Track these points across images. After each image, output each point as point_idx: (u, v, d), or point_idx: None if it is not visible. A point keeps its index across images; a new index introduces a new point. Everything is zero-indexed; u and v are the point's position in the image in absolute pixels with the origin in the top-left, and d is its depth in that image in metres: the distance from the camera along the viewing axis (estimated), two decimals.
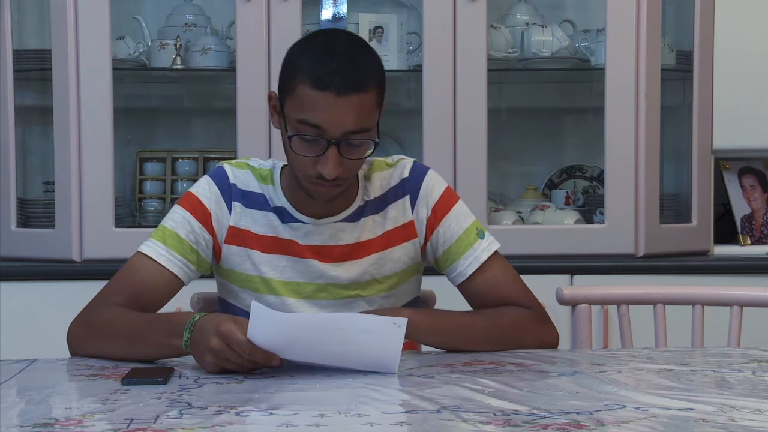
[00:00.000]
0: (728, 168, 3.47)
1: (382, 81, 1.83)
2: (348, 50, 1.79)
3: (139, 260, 1.88)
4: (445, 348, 1.86)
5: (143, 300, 1.85)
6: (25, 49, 3.17)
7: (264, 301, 1.90)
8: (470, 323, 1.88)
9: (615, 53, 3.08)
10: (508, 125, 3.43)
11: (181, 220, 1.90)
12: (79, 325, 1.84)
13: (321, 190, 1.82)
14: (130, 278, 1.87)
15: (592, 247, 3.08)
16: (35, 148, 3.28)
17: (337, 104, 1.74)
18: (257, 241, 1.91)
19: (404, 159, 2.00)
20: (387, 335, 1.61)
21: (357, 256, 1.92)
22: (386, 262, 1.94)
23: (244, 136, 3.01)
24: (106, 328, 1.79)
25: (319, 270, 1.91)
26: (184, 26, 3.22)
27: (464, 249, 1.95)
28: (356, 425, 1.25)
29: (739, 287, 2.19)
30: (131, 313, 1.80)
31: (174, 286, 1.88)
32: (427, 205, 1.96)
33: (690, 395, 1.44)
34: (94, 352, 1.79)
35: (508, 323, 1.90)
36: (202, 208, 1.91)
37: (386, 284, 1.94)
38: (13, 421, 1.29)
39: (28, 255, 3.06)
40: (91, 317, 1.84)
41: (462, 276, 1.95)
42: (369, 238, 1.93)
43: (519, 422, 1.26)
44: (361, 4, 3.27)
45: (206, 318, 1.64)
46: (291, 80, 1.78)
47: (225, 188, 1.92)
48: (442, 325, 1.84)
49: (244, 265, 1.91)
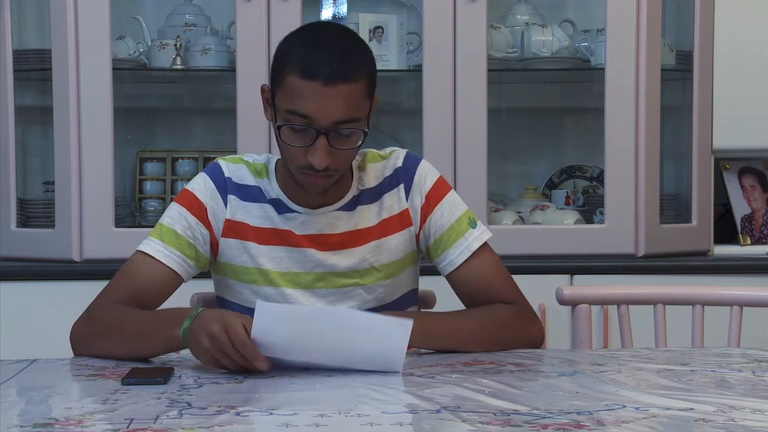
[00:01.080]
0: (728, 168, 3.47)
1: (373, 72, 1.84)
2: (337, 40, 1.80)
3: (138, 258, 1.90)
4: (437, 350, 1.87)
5: (143, 297, 1.86)
6: (25, 49, 3.17)
7: (262, 293, 1.91)
8: (460, 326, 1.89)
9: (615, 53, 3.08)
10: (508, 125, 3.43)
11: (178, 216, 1.91)
12: (81, 326, 1.85)
13: (312, 181, 1.83)
14: (130, 276, 1.89)
15: (592, 247, 3.08)
16: (35, 148, 3.28)
17: (325, 94, 1.76)
18: (254, 232, 1.91)
19: (398, 150, 2.01)
20: (392, 336, 1.62)
21: (354, 244, 1.92)
22: (383, 250, 1.94)
23: (244, 136, 3.01)
24: (108, 326, 1.80)
25: (317, 258, 1.91)
26: (184, 26, 3.22)
27: (456, 238, 1.95)
28: (356, 425, 1.25)
29: (739, 287, 2.19)
30: (132, 310, 1.81)
31: (173, 282, 1.89)
32: (421, 193, 1.96)
33: (690, 395, 1.44)
34: (97, 351, 1.80)
35: (497, 321, 1.90)
36: (198, 203, 1.92)
37: (384, 272, 1.95)
38: (13, 421, 1.29)
39: (28, 255, 3.06)
40: (93, 317, 1.85)
41: (452, 265, 1.96)
42: (365, 227, 1.94)
43: (519, 422, 1.26)
44: (361, 4, 3.27)
45: (211, 310, 1.66)
46: (281, 71, 1.80)
47: (220, 182, 1.93)
48: (434, 332, 1.85)
49: (241, 258, 1.92)
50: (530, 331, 1.94)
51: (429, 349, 1.86)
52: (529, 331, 1.94)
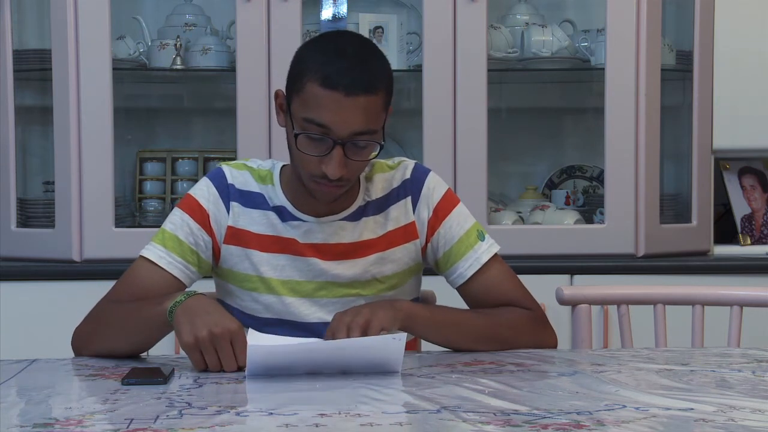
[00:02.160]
0: (728, 168, 3.47)
1: (390, 84, 1.83)
2: (358, 51, 1.80)
3: (140, 264, 1.90)
4: (441, 343, 1.87)
5: None
6: (25, 49, 3.17)
7: (263, 301, 1.91)
8: (468, 320, 1.88)
9: (615, 53, 3.08)
10: (508, 125, 3.43)
11: (180, 222, 1.91)
12: (81, 329, 1.86)
13: (323, 190, 1.83)
14: (132, 281, 1.89)
15: (592, 247, 3.08)
16: (35, 148, 3.28)
17: (344, 104, 1.75)
18: (256, 240, 1.91)
19: (406, 161, 2.00)
20: (387, 351, 1.61)
21: (358, 255, 1.92)
22: (387, 262, 1.94)
23: (244, 136, 3.01)
24: (103, 322, 1.82)
25: (320, 268, 1.91)
26: (184, 26, 3.22)
27: (465, 250, 1.95)
28: (356, 425, 1.25)
29: (739, 287, 2.19)
30: (125, 303, 1.84)
31: (175, 288, 1.88)
32: (429, 206, 1.96)
33: (690, 395, 1.44)
34: (97, 349, 1.81)
35: (506, 322, 1.90)
36: (200, 210, 1.91)
37: (387, 284, 1.94)
38: (13, 421, 1.29)
39: (28, 255, 3.06)
40: (91, 318, 1.86)
41: (462, 278, 1.95)
42: (370, 238, 1.93)
43: (519, 422, 1.26)
44: (361, 4, 3.27)
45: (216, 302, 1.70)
46: (300, 78, 1.79)
47: (223, 189, 1.92)
48: (440, 320, 1.85)
49: (243, 265, 1.92)
50: (542, 336, 1.94)
51: (436, 339, 1.86)
52: (541, 335, 1.93)
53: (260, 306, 1.91)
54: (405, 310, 1.82)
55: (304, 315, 1.91)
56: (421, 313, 1.84)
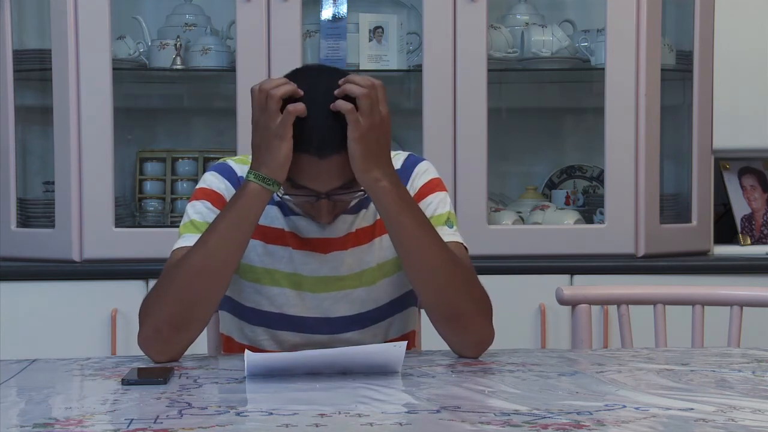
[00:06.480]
0: (728, 168, 3.48)
1: None
2: (325, 102, 1.73)
3: (180, 254, 1.83)
4: (396, 239, 1.79)
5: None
6: (25, 49, 3.17)
7: (265, 293, 1.91)
8: (434, 232, 1.80)
9: (615, 53, 3.08)
10: (508, 125, 3.44)
11: (206, 210, 1.88)
12: (146, 302, 1.80)
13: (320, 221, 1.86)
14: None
15: (592, 247, 3.08)
16: (35, 148, 3.29)
17: (320, 167, 1.74)
18: (261, 232, 1.91)
19: (399, 153, 2.00)
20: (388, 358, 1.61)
21: (354, 244, 1.92)
22: (384, 247, 1.94)
23: (244, 136, 2.99)
24: (173, 270, 1.78)
25: (320, 261, 1.91)
26: (184, 26, 3.22)
27: None
28: (356, 425, 1.25)
29: (739, 287, 2.19)
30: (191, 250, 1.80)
31: (222, 268, 1.84)
32: (414, 186, 1.94)
33: (690, 395, 1.44)
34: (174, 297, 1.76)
35: (461, 265, 1.82)
36: (217, 195, 1.90)
37: (386, 269, 1.94)
38: (13, 421, 1.29)
39: (28, 255, 3.06)
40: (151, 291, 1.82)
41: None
42: (363, 226, 1.93)
43: (519, 422, 1.26)
44: (361, 4, 3.27)
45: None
46: None
47: (233, 180, 1.92)
48: (401, 195, 1.78)
49: (249, 256, 1.91)
50: (479, 329, 1.81)
51: (395, 223, 1.78)
52: (483, 324, 1.82)
53: (262, 298, 1.91)
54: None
55: (305, 308, 1.91)
56: (396, 188, 1.77)
